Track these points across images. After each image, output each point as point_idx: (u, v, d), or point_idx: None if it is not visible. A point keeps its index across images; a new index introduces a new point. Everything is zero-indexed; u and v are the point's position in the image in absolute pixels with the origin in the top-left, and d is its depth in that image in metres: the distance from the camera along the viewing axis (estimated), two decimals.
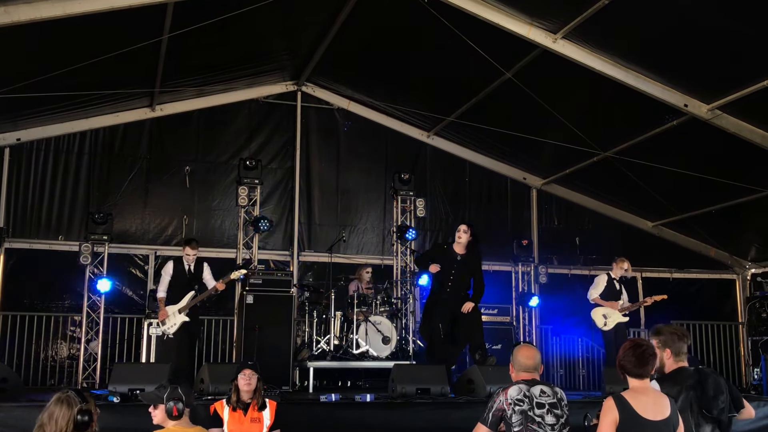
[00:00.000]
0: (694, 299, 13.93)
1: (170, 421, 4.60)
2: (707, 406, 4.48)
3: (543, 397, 4.57)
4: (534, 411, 4.50)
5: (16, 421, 6.59)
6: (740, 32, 8.41)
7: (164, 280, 9.46)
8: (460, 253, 9.29)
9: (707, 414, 4.49)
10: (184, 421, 4.63)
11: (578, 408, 7.03)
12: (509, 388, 4.61)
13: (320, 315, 10.58)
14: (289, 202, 12.88)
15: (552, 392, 4.63)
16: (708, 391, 4.52)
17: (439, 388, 8.05)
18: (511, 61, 10.11)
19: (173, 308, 9.23)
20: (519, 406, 4.50)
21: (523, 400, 4.52)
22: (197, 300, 9.28)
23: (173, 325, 9.19)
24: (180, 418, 4.60)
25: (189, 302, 9.22)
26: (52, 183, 11.90)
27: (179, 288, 9.36)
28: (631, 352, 4.25)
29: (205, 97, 12.47)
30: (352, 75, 12.45)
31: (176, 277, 9.42)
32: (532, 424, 4.47)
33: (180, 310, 9.20)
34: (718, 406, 4.50)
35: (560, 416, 4.55)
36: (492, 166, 13.82)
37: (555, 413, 4.53)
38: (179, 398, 4.58)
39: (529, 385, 4.60)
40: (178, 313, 9.20)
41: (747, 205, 11.97)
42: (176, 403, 4.57)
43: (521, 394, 4.54)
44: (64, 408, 3.75)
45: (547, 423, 4.48)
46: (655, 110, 10.28)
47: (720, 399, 4.53)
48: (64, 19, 8.30)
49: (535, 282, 13.26)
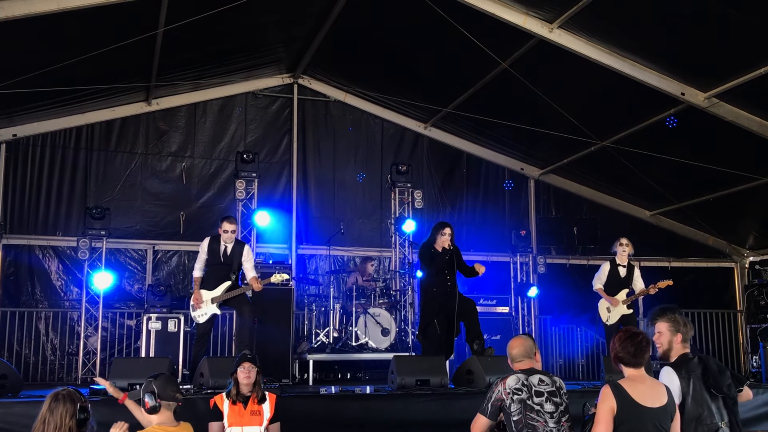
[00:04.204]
0: (693, 288, 13.94)
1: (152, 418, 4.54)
2: (716, 385, 4.51)
3: (542, 386, 4.59)
4: (533, 399, 4.51)
5: (16, 418, 6.57)
6: (737, 20, 8.38)
7: (200, 258, 8.77)
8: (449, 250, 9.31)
9: (716, 393, 4.51)
10: (165, 417, 4.55)
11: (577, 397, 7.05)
12: (507, 378, 4.62)
13: (319, 307, 10.58)
14: (286, 195, 12.87)
15: (551, 381, 4.65)
16: (713, 370, 4.54)
17: (438, 380, 8.04)
18: (507, 52, 10.08)
19: (208, 295, 8.59)
20: (517, 395, 4.51)
21: (522, 389, 4.53)
22: (232, 294, 8.56)
23: (204, 315, 8.59)
24: (154, 413, 4.53)
25: (223, 294, 8.56)
26: (48, 178, 11.87)
27: (215, 273, 8.66)
28: (628, 343, 4.26)
29: (201, 90, 12.44)
30: (349, 67, 12.42)
31: (211, 256, 8.69)
32: (531, 413, 4.48)
33: (213, 299, 8.56)
34: (725, 382, 4.54)
35: (559, 404, 4.56)
36: (489, 156, 13.81)
37: (554, 401, 4.55)
38: (152, 392, 4.51)
39: (527, 375, 4.62)
40: (210, 302, 8.57)
41: (745, 193, 11.98)
42: (149, 397, 4.50)
43: (519, 383, 4.56)
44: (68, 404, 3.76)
45: (546, 411, 4.50)
46: (652, 99, 10.27)
47: (726, 375, 4.57)
48: (59, 14, 8.25)
49: (533, 272, 13.28)
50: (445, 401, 7.66)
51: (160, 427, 4.51)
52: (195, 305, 8.62)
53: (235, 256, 8.70)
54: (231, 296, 8.56)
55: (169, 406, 4.58)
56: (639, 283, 9.79)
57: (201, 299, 8.57)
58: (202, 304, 8.58)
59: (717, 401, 4.54)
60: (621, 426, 4.06)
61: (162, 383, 4.58)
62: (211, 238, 8.83)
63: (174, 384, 4.73)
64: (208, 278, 8.69)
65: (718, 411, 4.51)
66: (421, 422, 7.44)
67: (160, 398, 4.53)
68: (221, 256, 8.69)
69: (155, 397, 4.51)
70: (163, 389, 4.55)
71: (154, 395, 4.51)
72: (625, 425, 4.06)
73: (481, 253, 13.36)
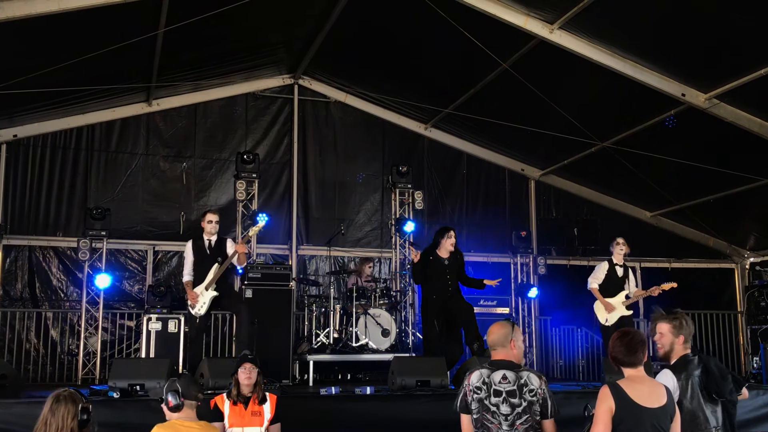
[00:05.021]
0: (693, 288, 13.93)
1: (173, 414, 4.60)
2: (718, 390, 4.51)
3: (502, 384, 4.30)
4: (490, 399, 4.29)
5: (17, 418, 6.56)
6: (737, 21, 8.39)
7: (187, 263, 8.79)
8: (446, 257, 9.32)
9: (717, 397, 4.52)
10: (186, 414, 4.60)
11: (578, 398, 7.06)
12: (473, 374, 4.43)
13: (319, 308, 10.58)
14: (287, 196, 12.87)
15: (515, 377, 4.32)
16: (716, 374, 4.55)
17: (438, 380, 8.04)
18: (508, 52, 10.08)
19: (200, 287, 8.58)
20: (477, 393, 4.33)
21: (481, 387, 4.33)
22: (222, 269, 8.54)
23: (203, 305, 8.54)
24: (176, 411, 4.58)
25: (215, 275, 8.53)
26: (49, 179, 11.88)
27: (202, 266, 8.67)
28: (620, 342, 4.27)
29: (202, 91, 12.44)
30: (349, 68, 12.43)
31: (198, 255, 8.74)
32: (487, 413, 4.28)
33: (207, 286, 8.55)
34: (728, 387, 4.54)
35: (517, 405, 4.27)
36: (490, 157, 13.82)
37: (511, 402, 4.27)
38: (175, 390, 4.56)
39: (492, 369, 4.38)
40: (205, 290, 8.55)
41: (745, 194, 11.97)
42: (172, 396, 4.55)
43: (480, 381, 4.35)
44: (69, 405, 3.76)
45: (502, 413, 4.26)
46: (653, 100, 10.26)
47: (728, 380, 4.58)
48: (59, 14, 8.26)
49: (533, 273, 13.27)
50: (445, 402, 7.63)
51: (179, 421, 4.55)
52: (192, 303, 8.63)
53: (220, 247, 8.76)
54: (221, 273, 8.56)
55: (191, 406, 4.67)
56: (632, 284, 9.80)
57: (196, 296, 8.59)
58: (198, 297, 8.60)
59: (715, 405, 4.55)
60: (619, 426, 4.05)
61: (185, 383, 4.65)
62: (193, 240, 8.89)
63: (196, 384, 4.83)
64: (198, 275, 8.71)
65: (713, 415, 4.52)
66: (421, 423, 7.42)
67: (184, 397, 4.60)
68: (207, 249, 8.74)
69: (179, 396, 4.57)
70: (186, 388, 4.62)
71: (177, 394, 4.57)
72: (624, 425, 4.06)
73: (481, 254, 13.41)
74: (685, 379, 4.54)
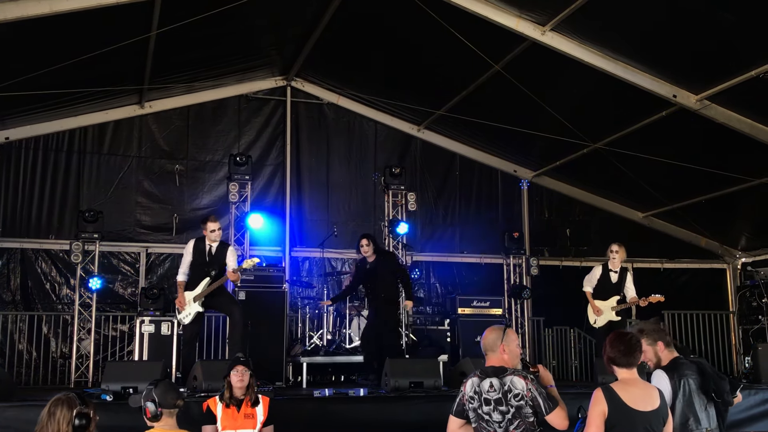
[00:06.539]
0: (685, 289, 13.99)
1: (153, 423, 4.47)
2: (717, 389, 4.56)
3: (490, 393, 4.33)
4: (482, 408, 4.34)
5: (9, 422, 6.56)
6: (728, 22, 8.42)
7: (184, 261, 8.69)
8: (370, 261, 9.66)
9: (716, 397, 4.56)
10: (166, 422, 4.47)
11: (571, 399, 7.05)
12: (467, 382, 4.47)
13: (313, 310, 10.58)
14: (280, 198, 12.87)
15: (499, 385, 4.33)
16: (712, 377, 4.60)
17: (432, 382, 8.07)
18: (500, 54, 10.11)
19: (190, 295, 8.52)
20: (471, 403, 4.39)
21: (474, 397, 4.38)
22: (211, 288, 8.47)
23: (188, 315, 8.50)
24: (155, 421, 4.45)
25: (203, 290, 8.48)
26: (41, 182, 11.84)
27: (198, 269, 8.59)
28: (618, 342, 4.30)
29: (194, 93, 12.42)
30: (342, 69, 12.44)
31: (196, 257, 8.62)
32: (482, 422, 4.35)
33: (195, 298, 8.49)
34: (726, 388, 4.59)
35: (505, 412, 4.30)
36: (482, 159, 13.84)
37: (500, 410, 4.31)
38: (152, 400, 4.43)
39: (482, 378, 4.40)
40: (193, 301, 8.50)
41: (737, 195, 12.02)
42: (148, 405, 4.43)
43: (473, 391, 4.39)
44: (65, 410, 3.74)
45: (495, 420, 4.31)
46: (644, 101, 10.29)
47: (725, 381, 4.63)
48: (51, 17, 8.24)
49: (526, 274, 13.26)
50: (438, 403, 7.65)
51: (160, 430, 4.45)
52: (179, 308, 8.59)
53: (219, 256, 8.65)
54: (211, 290, 8.49)
55: (170, 414, 4.50)
56: (630, 289, 9.64)
57: (184, 302, 8.53)
58: (186, 305, 8.54)
59: (709, 406, 4.58)
60: (612, 429, 4.08)
61: (162, 391, 4.48)
62: (196, 240, 8.79)
63: (174, 390, 4.62)
64: (191, 280, 8.65)
65: (707, 416, 4.56)
66: (414, 424, 7.44)
67: (161, 406, 4.45)
68: (206, 255, 8.63)
69: (156, 405, 4.43)
70: (163, 397, 4.46)
71: (155, 404, 4.43)
72: (616, 428, 4.08)
73: (474, 255, 13.44)
74: (678, 380, 4.57)
